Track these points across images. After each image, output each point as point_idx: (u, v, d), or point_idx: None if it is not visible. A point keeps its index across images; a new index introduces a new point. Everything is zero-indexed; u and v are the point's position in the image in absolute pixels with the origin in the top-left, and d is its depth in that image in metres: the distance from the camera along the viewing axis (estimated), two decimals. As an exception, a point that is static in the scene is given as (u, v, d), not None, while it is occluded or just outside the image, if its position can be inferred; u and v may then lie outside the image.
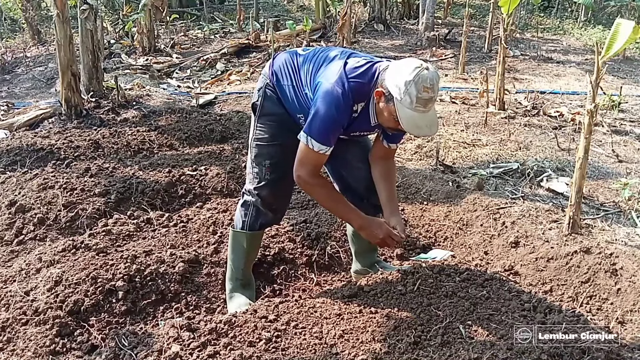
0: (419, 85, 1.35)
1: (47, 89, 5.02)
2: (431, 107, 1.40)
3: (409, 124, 1.39)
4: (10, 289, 1.75)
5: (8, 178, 2.64)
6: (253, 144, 1.68)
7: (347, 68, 1.47)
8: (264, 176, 1.65)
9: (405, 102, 1.37)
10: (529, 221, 2.12)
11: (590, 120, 1.87)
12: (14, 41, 7.07)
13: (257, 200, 1.68)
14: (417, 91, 1.35)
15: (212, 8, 9.52)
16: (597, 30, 7.32)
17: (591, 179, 2.60)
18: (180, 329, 1.50)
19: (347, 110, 1.46)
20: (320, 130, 1.46)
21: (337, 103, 1.43)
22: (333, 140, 1.50)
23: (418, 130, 1.44)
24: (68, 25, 3.50)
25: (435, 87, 1.38)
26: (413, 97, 1.35)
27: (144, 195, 2.46)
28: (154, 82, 5.09)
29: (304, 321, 1.54)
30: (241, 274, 1.77)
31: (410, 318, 1.52)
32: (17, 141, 3.11)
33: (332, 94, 1.44)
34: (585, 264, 1.75)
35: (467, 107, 3.92)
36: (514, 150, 3.03)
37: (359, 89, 1.45)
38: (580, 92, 4.42)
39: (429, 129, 1.42)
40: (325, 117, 1.45)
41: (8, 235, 2.19)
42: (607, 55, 1.81)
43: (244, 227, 1.71)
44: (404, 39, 7.18)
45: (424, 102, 1.37)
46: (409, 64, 1.39)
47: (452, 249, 2.10)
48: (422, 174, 2.70)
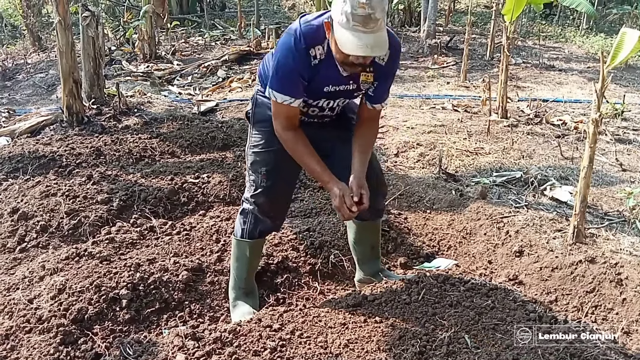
0: (354, 1, 1.27)
1: (48, 96, 5.03)
2: (374, 27, 1.29)
3: (345, 44, 1.30)
4: (13, 296, 1.74)
5: (10, 185, 2.64)
6: (249, 152, 1.68)
7: (302, 20, 1.44)
8: (260, 183, 1.63)
9: (342, 22, 1.29)
10: (533, 230, 2.11)
11: (595, 130, 1.88)
12: (15, 47, 7.10)
13: (255, 207, 1.67)
14: (352, 7, 1.27)
15: (213, 15, 9.57)
16: (599, 38, 7.37)
17: (595, 187, 2.60)
18: (185, 337, 1.49)
19: (302, 56, 1.40)
20: (278, 81, 1.44)
21: (288, 49, 1.41)
22: (296, 91, 1.45)
23: (356, 49, 1.30)
24: (70, 32, 3.51)
25: (373, 3, 1.27)
26: (348, 15, 1.27)
27: (146, 203, 2.45)
28: (155, 89, 5.10)
29: (309, 330, 1.53)
30: (244, 283, 1.76)
31: (416, 327, 1.51)
32: (19, 148, 3.11)
33: (284, 43, 1.42)
34: (590, 273, 1.75)
35: (470, 115, 3.93)
36: (517, 158, 3.03)
37: (311, 32, 1.40)
38: (583, 100, 4.44)
39: (371, 49, 1.30)
40: (279, 66, 1.43)
41: (11, 243, 2.18)
42: (612, 65, 1.82)
43: (243, 235, 1.70)
44: (405, 47, 7.22)
45: (361, 19, 1.27)
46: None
47: (456, 258, 2.10)
48: (424, 182, 2.70)
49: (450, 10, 8.58)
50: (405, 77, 5.59)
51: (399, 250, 2.14)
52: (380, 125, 3.73)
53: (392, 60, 1.50)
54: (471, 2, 8.87)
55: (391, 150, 3.21)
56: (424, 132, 3.49)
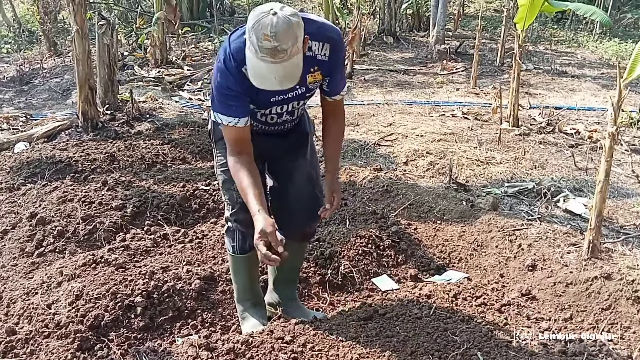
0: (259, 32, 1.24)
1: (63, 100, 5.12)
2: (284, 57, 1.25)
3: (253, 74, 1.29)
4: (32, 301, 1.78)
5: (28, 190, 2.69)
6: (217, 171, 1.66)
7: (231, 37, 1.42)
8: (236, 200, 1.59)
9: (251, 49, 1.28)
10: (546, 244, 2.10)
11: (611, 144, 1.86)
12: (31, 53, 7.24)
13: (237, 225, 1.64)
14: (257, 39, 1.25)
15: (223, 20, 9.64)
16: (613, 43, 7.25)
17: (610, 200, 2.57)
18: (198, 348, 1.51)
19: (235, 75, 1.38)
20: (219, 103, 1.42)
21: (221, 71, 1.40)
22: (238, 110, 1.42)
23: (263, 82, 1.30)
24: (87, 40, 3.58)
25: (279, 36, 1.23)
26: (255, 46, 1.26)
27: (159, 210, 2.49)
28: (167, 94, 5.16)
29: (320, 343, 1.54)
30: (249, 294, 1.75)
31: (427, 343, 1.51)
32: (37, 153, 3.18)
33: (217, 65, 1.41)
34: (606, 290, 1.73)
35: (480, 123, 3.91)
36: (529, 168, 3.00)
37: (241, 50, 1.35)
38: (597, 108, 4.37)
39: (279, 82, 1.29)
40: (217, 88, 1.41)
41: (29, 247, 2.23)
42: (629, 79, 1.80)
43: (235, 251, 1.69)
44: (414, 52, 7.20)
45: (268, 51, 1.24)
46: (260, 8, 1.28)
47: (467, 271, 2.09)
48: (434, 192, 2.69)
49: (459, 15, 8.53)
50: (414, 83, 5.58)
51: (409, 262, 2.14)
52: (389, 132, 3.74)
53: (335, 52, 1.46)
54: (481, 6, 8.82)
55: (400, 158, 3.21)
56: (434, 140, 3.47)
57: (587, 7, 3.85)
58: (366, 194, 2.73)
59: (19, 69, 6.08)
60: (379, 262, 2.12)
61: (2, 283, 2.00)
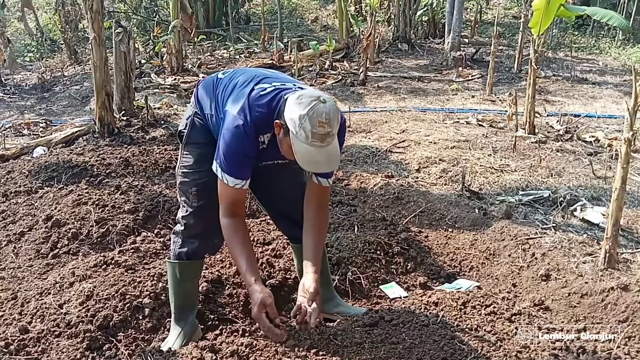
0: (314, 119, 1.29)
1: (82, 107, 5.28)
2: (330, 141, 1.33)
3: (304, 160, 1.34)
4: (45, 301, 1.82)
5: (45, 193, 2.77)
6: (179, 172, 1.65)
7: (251, 96, 1.43)
8: (191, 204, 1.61)
9: (300, 136, 1.31)
10: (561, 253, 2.03)
11: (627, 149, 1.80)
12: (53, 61, 7.51)
13: (183, 228, 1.64)
14: (312, 126, 1.30)
15: (238, 28, 9.83)
16: (637, 49, 7.07)
17: (629, 209, 2.48)
18: (203, 350, 1.51)
19: (252, 142, 1.43)
20: (230, 165, 1.43)
21: (240, 136, 1.40)
22: (246, 173, 1.46)
23: (315, 167, 1.37)
24: (104, 48, 3.69)
25: (332, 122, 1.32)
26: (308, 132, 1.30)
27: (169, 214, 2.52)
28: (181, 101, 5.27)
29: (325, 348, 1.52)
30: (175, 309, 1.66)
31: (434, 350, 1.47)
32: (54, 158, 3.28)
33: (236, 127, 1.41)
34: (622, 301, 1.66)
35: (495, 131, 3.85)
36: (545, 177, 2.93)
37: (262, 120, 1.41)
38: (618, 115, 4.26)
39: (327, 164, 1.36)
40: (231, 151, 1.42)
41: (44, 249, 2.28)
42: (645, 83, 1.75)
43: (171, 256, 1.69)
44: (429, 59, 7.17)
45: (320, 137, 1.31)
46: (306, 95, 1.34)
47: (478, 280, 2.04)
48: (447, 200, 2.65)
49: (476, 22, 8.48)
50: (428, 90, 5.54)
51: (418, 270, 2.10)
52: (402, 139, 3.71)
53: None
54: (498, 13, 8.74)
55: (412, 165, 3.18)
56: (447, 147, 3.43)
57: (604, 12, 3.77)
58: (377, 200, 2.71)
59: (41, 76, 6.31)
60: (388, 269, 2.09)
61: (17, 283, 2.05)
